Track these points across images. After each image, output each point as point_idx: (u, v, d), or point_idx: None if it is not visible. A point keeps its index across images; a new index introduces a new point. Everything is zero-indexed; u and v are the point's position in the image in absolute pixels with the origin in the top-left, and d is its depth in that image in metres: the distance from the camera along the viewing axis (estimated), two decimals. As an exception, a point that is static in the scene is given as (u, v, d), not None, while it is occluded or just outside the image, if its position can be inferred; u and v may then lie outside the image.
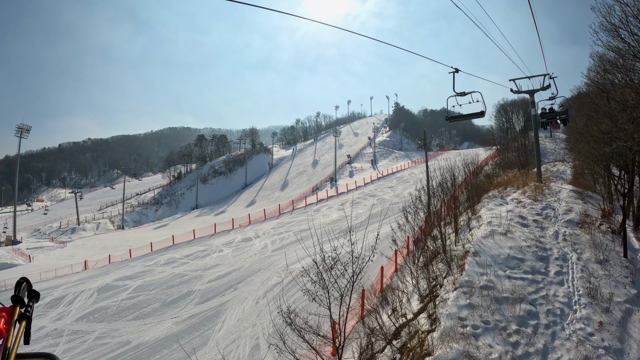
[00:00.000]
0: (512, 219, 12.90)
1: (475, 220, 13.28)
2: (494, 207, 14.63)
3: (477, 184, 20.70)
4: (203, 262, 26.16)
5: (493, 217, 12.92)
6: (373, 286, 11.59)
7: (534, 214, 13.77)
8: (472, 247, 10.57)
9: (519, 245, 10.82)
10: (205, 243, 32.04)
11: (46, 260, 46.77)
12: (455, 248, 11.56)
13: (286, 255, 21.51)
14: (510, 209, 14.16)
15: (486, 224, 12.30)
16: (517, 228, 12.14)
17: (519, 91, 22.94)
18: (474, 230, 12.28)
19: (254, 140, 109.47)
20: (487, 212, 13.67)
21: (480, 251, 10.30)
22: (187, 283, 22.33)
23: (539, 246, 10.86)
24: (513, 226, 12.23)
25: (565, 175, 25.32)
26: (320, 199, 44.84)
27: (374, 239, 8.52)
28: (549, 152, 37.30)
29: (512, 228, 11.97)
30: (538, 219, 13.31)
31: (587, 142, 14.49)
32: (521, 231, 11.86)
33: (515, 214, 13.50)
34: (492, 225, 12.19)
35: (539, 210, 14.17)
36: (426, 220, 14.34)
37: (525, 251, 10.46)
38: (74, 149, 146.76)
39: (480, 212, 14.28)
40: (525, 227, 12.37)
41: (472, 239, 11.30)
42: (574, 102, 29.72)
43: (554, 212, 14.07)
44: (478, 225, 12.49)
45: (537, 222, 12.98)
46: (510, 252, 10.28)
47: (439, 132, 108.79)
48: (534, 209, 14.23)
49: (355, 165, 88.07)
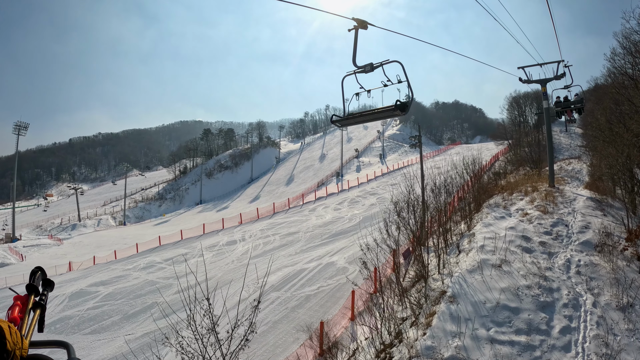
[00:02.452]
0: (512, 241, 10.34)
1: (468, 239, 10.73)
2: (494, 220, 12.01)
3: (479, 188, 17.99)
4: (179, 269, 24.07)
5: (489, 237, 10.30)
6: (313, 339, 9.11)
7: (541, 233, 11.16)
8: (450, 286, 8.06)
9: (515, 285, 8.19)
10: (190, 245, 30.31)
11: (39, 259, 45.93)
12: (437, 278, 9.10)
13: (257, 268, 19.41)
14: (513, 224, 11.53)
15: (478, 248, 9.76)
16: (517, 256, 9.57)
17: (529, 80, 20.11)
18: (461, 256, 9.73)
19: (261, 133, 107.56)
20: (483, 230, 11.08)
21: (459, 295, 7.82)
22: (154, 293, 20.78)
23: (542, 286, 8.22)
24: (512, 252, 9.67)
25: (581, 176, 22.38)
26: (319, 197, 42.59)
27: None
28: (563, 148, 34.11)
29: (510, 256, 9.42)
30: (546, 239, 10.71)
31: (610, 143, 11.77)
32: (522, 260, 9.26)
33: (517, 232, 10.91)
34: (485, 251, 9.66)
35: (548, 226, 11.56)
36: (413, 240, 11.88)
37: (523, 295, 7.85)
38: (84, 144, 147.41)
39: (475, 227, 11.68)
40: (528, 254, 9.77)
41: (455, 271, 8.77)
42: (591, 94, 26.64)
43: (567, 229, 11.44)
44: (468, 249, 9.93)
45: (545, 245, 10.37)
46: (501, 298, 7.69)
47: (451, 125, 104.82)
48: (542, 225, 11.63)
49: (363, 159, 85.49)
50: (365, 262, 10.60)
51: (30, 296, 1.25)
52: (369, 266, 10.60)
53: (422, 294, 8.36)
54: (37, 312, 1.24)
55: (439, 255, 9.74)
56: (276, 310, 14.88)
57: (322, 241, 22.94)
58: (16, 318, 1.17)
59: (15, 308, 1.20)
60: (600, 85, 33.24)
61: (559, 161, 30.27)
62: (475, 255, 9.30)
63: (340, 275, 16.32)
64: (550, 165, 17.98)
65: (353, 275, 13.09)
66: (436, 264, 9.92)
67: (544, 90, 20.20)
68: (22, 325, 1.16)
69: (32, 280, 1.30)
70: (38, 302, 1.25)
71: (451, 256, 10.20)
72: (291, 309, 14.56)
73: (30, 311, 1.22)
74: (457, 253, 10.03)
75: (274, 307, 15.20)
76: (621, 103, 15.38)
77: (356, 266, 13.91)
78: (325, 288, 15.49)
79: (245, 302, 16.75)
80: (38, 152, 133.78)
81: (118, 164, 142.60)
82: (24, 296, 1.25)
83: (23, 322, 1.17)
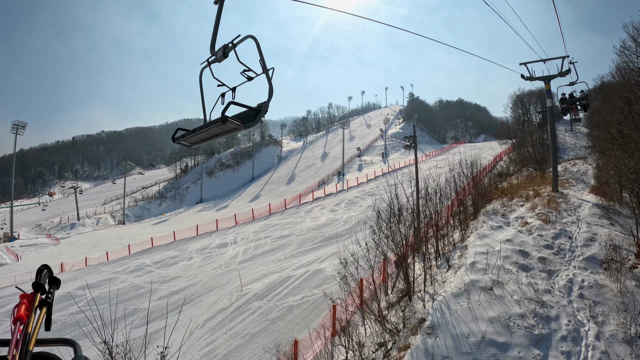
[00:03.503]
0: (508, 257, 9.23)
1: (459, 253, 9.64)
2: (489, 231, 10.92)
3: (478, 192, 16.90)
4: (167, 272, 23.65)
5: (482, 251, 9.18)
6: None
7: (541, 246, 10.03)
8: (430, 313, 6.98)
9: (507, 314, 7.00)
10: (181, 247, 29.55)
11: (35, 259, 45.54)
12: (421, 296, 8.07)
13: (240, 274, 18.60)
14: (510, 236, 10.43)
15: (467, 266, 8.67)
16: (512, 275, 8.40)
17: (531, 77, 19.03)
18: (449, 273, 8.64)
19: (263, 132, 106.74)
20: (477, 242, 9.99)
21: (439, 325, 6.74)
22: (138, 298, 20.18)
23: (539, 314, 7.07)
24: (507, 271, 8.57)
25: (586, 178, 21.18)
26: (316, 197, 41.65)
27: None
28: (568, 148, 32.83)
29: (504, 275, 8.30)
30: (547, 254, 9.59)
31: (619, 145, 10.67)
32: (517, 281, 8.08)
33: (515, 246, 9.82)
34: (476, 269, 8.57)
35: (549, 239, 10.44)
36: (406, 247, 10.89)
37: (514, 327, 6.67)
38: (87, 142, 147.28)
39: (469, 239, 10.60)
40: (524, 273, 8.63)
41: (439, 292, 7.69)
42: (597, 92, 25.41)
43: (570, 242, 10.31)
44: (458, 265, 8.83)
45: (545, 261, 9.25)
46: (488, 331, 6.54)
47: (455, 124, 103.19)
48: (543, 237, 10.52)
49: (365, 158, 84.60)
50: (346, 277, 9.63)
51: (37, 294, 1.23)
52: (349, 281, 9.62)
53: (402, 317, 7.37)
54: (44, 310, 1.22)
55: (425, 270, 8.73)
56: (256, 321, 14.00)
57: (313, 245, 22.02)
58: (22, 316, 1.15)
59: (21, 306, 1.18)
60: (607, 83, 31.97)
61: (563, 162, 29.05)
62: (464, 275, 8.20)
63: (327, 284, 15.37)
64: (553, 169, 16.86)
65: (336, 288, 12.11)
66: (426, 277, 8.91)
67: (548, 87, 19.12)
68: (29, 324, 1.14)
69: (38, 278, 1.27)
70: (44, 300, 1.24)
71: (441, 270, 9.18)
72: (271, 321, 13.67)
73: (37, 309, 1.20)
74: (447, 268, 9.00)
75: (255, 317, 14.34)
76: (633, 102, 14.29)
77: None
78: (309, 298, 14.57)
79: (225, 311, 15.97)
80: (41, 150, 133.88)
81: (121, 162, 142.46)
82: (30, 294, 1.24)
83: (29, 320, 1.15)
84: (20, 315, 1.16)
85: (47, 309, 1.25)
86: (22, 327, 1.13)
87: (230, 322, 14.55)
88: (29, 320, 1.16)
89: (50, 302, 1.28)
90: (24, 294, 1.25)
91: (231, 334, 13.41)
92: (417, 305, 7.76)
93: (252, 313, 14.77)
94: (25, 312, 1.17)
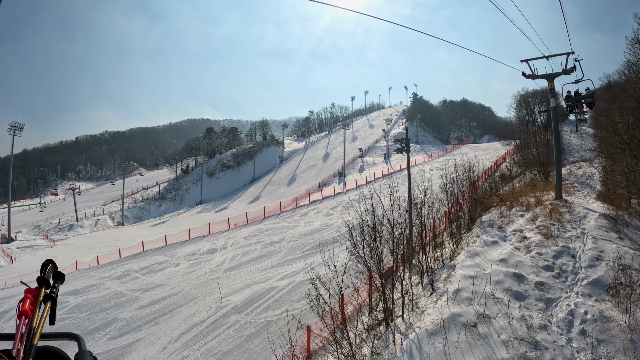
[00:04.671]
0: (500, 282, 8.00)
1: (446, 274, 8.47)
2: (482, 248, 9.73)
3: (476, 199, 15.75)
4: (151, 279, 22.83)
5: (471, 274, 7.95)
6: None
7: (540, 268, 8.77)
8: (397, 357, 5.86)
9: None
10: (171, 252, 28.72)
11: (30, 261, 45.11)
12: (399, 324, 6.99)
13: (220, 285, 17.62)
14: (506, 255, 9.23)
15: (450, 295, 7.49)
16: (502, 307, 7.17)
17: (533, 75, 17.84)
18: (430, 300, 7.45)
19: (265, 132, 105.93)
20: (467, 263, 8.79)
21: None
22: (119, 307, 19.54)
23: (529, 359, 5.90)
24: (497, 300, 7.34)
25: (592, 182, 19.94)
26: (313, 200, 40.63)
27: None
28: (574, 149, 31.51)
29: (493, 307, 7.06)
30: (545, 278, 8.34)
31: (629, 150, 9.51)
32: (507, 315, 6.87)
33: (509, 267, 8.63)
34: (460, 299, 7.36)
35: (550, 258, 9.19)
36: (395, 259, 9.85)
37: None
38: (90, 142, 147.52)
39: (458, 257, 9.43)
40: (518, 302, 7.41)
41: (414, 326, 6.53)
42: (603, 92, 24.13)
43: (574, 261, 9.06)
44: (442, 291, 7.62)
45: (543, 287, 8.00)
46: None
47: (459, 124, 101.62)
48: (543, 256, 9.27)
49: (367, 159, 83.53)
50: (319, 297, 8.58)
51: (41, 289, 1.23)
52: (322, 303, 8.57)
53: (372, 349, 6.30)
54: (48, 304, 1.22)
55: (403, 295, 7.64)
56: (230, 337, 13.07)
57: (302, 253, 20.97)
58: (27, 310, 1.14)
59: (26, 301, 1.18)
60: (614, 82, 30.60)
61: (568, 164, 27.77)
62: (445, 306, 7.00)
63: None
64: (557, 174, 15.63)
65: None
66: (404, 302, 7.81)
67: (551, 86, 17.90)
68: (33, 318, 1.14)
69: (43, 273, 1.27)
70: (49, 295, 1.23)
71: (425, 292, 8.09)
72: (246, 338, 12.74)
73: (41, 303, 1.20)
74: (431, 291, 7.90)
75: (230, 333, 13.41)
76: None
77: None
78: (290, 313, 13.53)
79: (202, 324, 15.01)
80: (44, 151, 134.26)
81: (124, 162, 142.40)
82: (35, 289, 1.23)
83: (34, 315, 1.15)
84: (25, 309, 1.15)
85: (51, 304, 1.23)
86: (27, 322, 1.12)
87: (204, 337, 13.65)
88: (34, 315, 1.15)
89: (55, 297, 1.25)
90: (29, 289, 1.22)
91: (203, 351, 12.48)
92: (390, 338, 6.69)
93: (228, 328, 13.87)
94: (30, 307, 1.16)
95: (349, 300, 10.50)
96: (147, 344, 14.57)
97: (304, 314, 13.70)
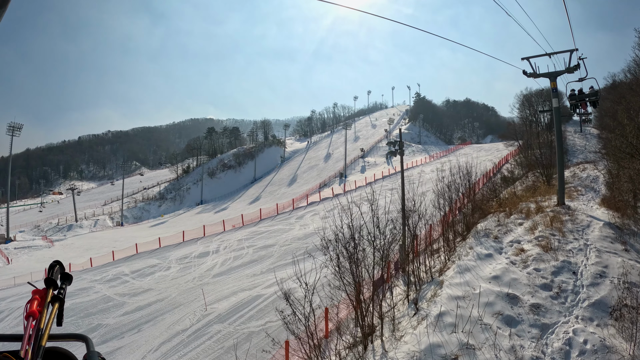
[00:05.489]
0: (491, 304, 7.13)
1: (432, 291, 7.67)
2: (475, 262, 8.91)
3: (473, 205, 14.97)
4: (140, 284, 22.27)
5: (459, 294, 7.07)
6: None
7: (536, 287, 7.91)
8: None
9: None
10: (163, 255, 28.16)
11: (26, 262, 44.82)
12: (377, 348, 6.27)
13: (204, 293, 16.97)
14: (500, 271, 8.43)
15: (434, 318, 6.68)
16: (490, 334, 6.27)
17: (535, 74, 17.03)
18: (410, 324, 6.66)
19: (267, 132, 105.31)
20: (456, 279, 7.96)
21: None
22: (105, 312, 19.13)
23: None
24: (485, 327, 6.48)
25: (596, 185, 19.08)
26: (310, 202, 39.98)
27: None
28: (578, 150, 30.58)
29: (479, 334, 6.24)
30: (542, 299, 7.49)
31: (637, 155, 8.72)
32: (496, 346, 5.99)
33: (502, 286, 7.78)
34: (442, 324, 6.56)
35: (548, 274, 8.34)
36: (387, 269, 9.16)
37: None
38: (93, 142, 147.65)
39: (447, 272, 8.62)
40: (510, 328, 6.55)
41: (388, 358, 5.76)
42: (608, 92, 23.25)
43: (575, 279, 8.18)
44: (424, 313, 6.80)
45: (539, 309, 7.16)
46: None
47: (462, 124, 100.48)
48: (541, 273, 8.44)
49: (368, 159, 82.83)
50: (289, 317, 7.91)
51: (49, 290, 1.21)
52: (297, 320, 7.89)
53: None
54: (56, 305, 1.20)
55: (382, 318, 6.92)
56: (210, 349, 12.44)
57: (294, 258, 20.30)
58: (35, 312, 1.11)
59: (34, 302, 1.15)
60: (619, 82, 29.67)
61: (572, 165, 26.88)
62: (424, 333, 6.12)
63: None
64: (559, 179, 14.78)
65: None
66: (383, 326, 7.07)
67: (554, 85, 17.10)
68: (41, 319, 1.11)
69: (50, 274, 1.26)
70: (57, 296, 1.21)
71: (409, 310, 7.34)
72: (226, 350, 12.13)
73: (49, 304, 1.19)
74: (414, 311, 7.14)
75: (211, 344, 12.80)
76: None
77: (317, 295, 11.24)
78: (273, 324, 12.91)
79: (184, 333, 14.37)
80: (47, 150, 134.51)
81: (126, 161, 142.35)
82: (43, 290, 1.21)
83: (42, 316, 1.12)
84: (33, 310, 1.13)
85: (59, 305, 1.21)
86: (35, 323, 1.10)
87: (184, 347, 13.03)
88: (42, 316, 1.13)
89: (63, 298, 1.24)
90: (37, 290, 1.20)
91: (181, 364, 11.81)
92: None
93: (209, 338, 13.27)
94: (37, 308, 1.14)
95: (331, 316, 9.83)
96: (127, 352, 13.97)
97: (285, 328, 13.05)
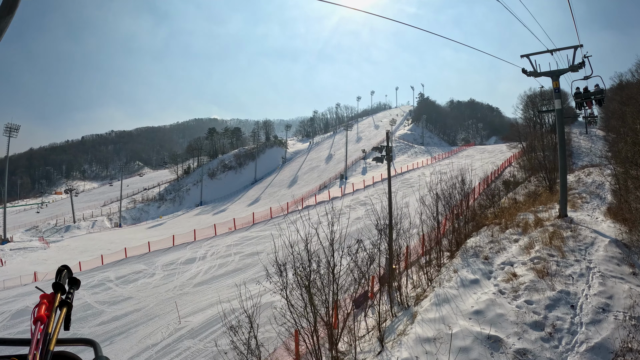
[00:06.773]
0: (466, 349, 5.92)
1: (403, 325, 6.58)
2: (457, 290, 7.67)
3: (466, 217, 13.82)
4: (122, 291, 21.42)
5: (429, 335, 5.77)
6: None
7: (526, 325, 6.64)
8: None
9: None
10: (150, 261, 27.33)
11: (20, 264, 44.15)
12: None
13: (177, 306, 16.01)
14: (484, 304, 7.24)
15: None
16: None
17: (536, 72, 15.89)
18: None
19: (268, 132, 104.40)
20: (430, 313, 6.75)
21: None
22: (81, 322, 18.59)
23: None
24: None
25: (602, 192, 17.85)
26: (306, 205, 38.98)
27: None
28: (583, 153, 29.28)
29: None
30: (531, 343, 6.21)
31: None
32: None
33: (484, 325, 6.54)
34: None
35: (542, 309, 7.05)
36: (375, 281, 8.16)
37: None
38: (96, 141, 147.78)
39: (423, 301, 7.45)
40: None
41: None
42: (615, 93, 22.02)
43: (573, 314, 6.91)
44: (388, 357, 5.78)
45: (525, 356, 5.91)
46: None
47: (466, 125, 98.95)
48: (533, 306, 7.15)
49: (369, 161, 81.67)
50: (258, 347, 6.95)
51: (57, 294, 1.23)
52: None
53: None
54: (64, 310, 1.22)
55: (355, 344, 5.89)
56: (176, 367, 11.44)
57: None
58: (43, 316, 1.14)
59: (42, 306, 1.17)
60: (626, 82, 28.37)
61: (577, 169, 25.61)
62: None
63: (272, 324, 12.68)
64: (562, 188, 13.55)
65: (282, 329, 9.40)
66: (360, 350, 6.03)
67: (556, 85, 15.88)
68: (49, 324, 1.14)
69: (58, 279, 1.28)
70: (64, 301, 1.23)
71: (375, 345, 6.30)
72: (191, 369, 11.09)
73: (57, 309, 1.20)
74: (379, 350, 6.10)
75: (178, 362, 11.78)
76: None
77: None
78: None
79: (153, 348, 13.41)
80: (50, 150, 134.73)
81: (129, 162, 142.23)
82: (50, 294, 1.23)
83: (50, 320, 1.14)
84: (41, 315, 1.15)
85: (67, 309, 1.23)
86: (43, 327, 1.12)
87: (156, 360, 12.07)
88: (50, 321, 1.15)
89: (70, 303, 1.26)
90: (44, 294, 1.22)
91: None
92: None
93: (178, 354, 12.40)
94: (45, 312, 1.16)
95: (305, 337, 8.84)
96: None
97: (262, 342, 12.05)
